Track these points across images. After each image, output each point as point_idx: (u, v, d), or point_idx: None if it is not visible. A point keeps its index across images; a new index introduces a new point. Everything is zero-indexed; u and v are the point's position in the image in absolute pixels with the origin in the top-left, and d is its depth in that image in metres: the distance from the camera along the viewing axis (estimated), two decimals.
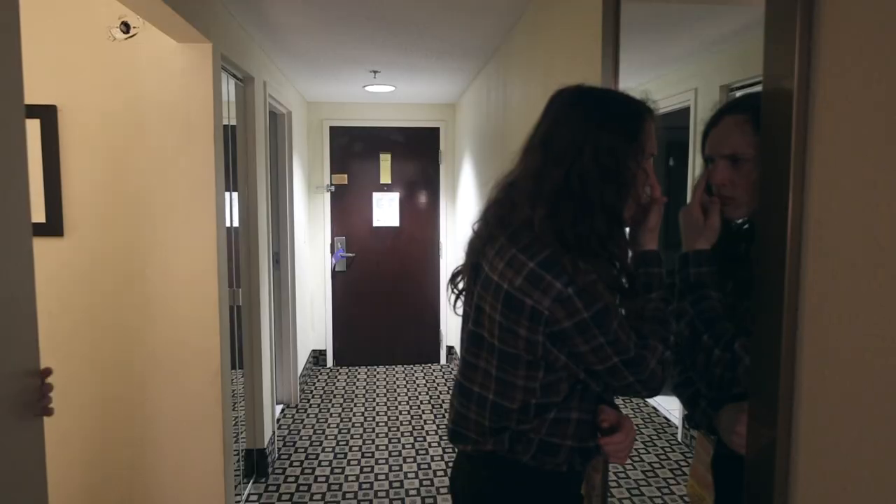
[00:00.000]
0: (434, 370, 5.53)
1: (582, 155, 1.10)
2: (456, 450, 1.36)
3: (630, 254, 1.21)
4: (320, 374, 5.41)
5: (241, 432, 3.43)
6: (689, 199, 1.24)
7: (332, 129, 5.50)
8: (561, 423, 1.17)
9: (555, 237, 1.10)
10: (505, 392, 1.17)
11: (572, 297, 1.07)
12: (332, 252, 5.55)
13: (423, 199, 5.65)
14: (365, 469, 3.58)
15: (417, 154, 5.62)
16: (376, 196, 5.58)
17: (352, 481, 3.43)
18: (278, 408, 4.39)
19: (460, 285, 1.31)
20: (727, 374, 1.08)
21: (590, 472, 1.35)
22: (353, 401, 4.73)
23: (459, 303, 1.32)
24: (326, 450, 3.84)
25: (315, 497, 3.25)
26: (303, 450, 3.84)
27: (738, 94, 1.62)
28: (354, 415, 4.43)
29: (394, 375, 5.37)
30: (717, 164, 1.15)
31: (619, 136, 1.12)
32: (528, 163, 1.19)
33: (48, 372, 1.23)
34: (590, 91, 1.19)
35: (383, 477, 3.48)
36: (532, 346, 1.12)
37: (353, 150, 5.56)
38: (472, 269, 1.25)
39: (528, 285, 1.08)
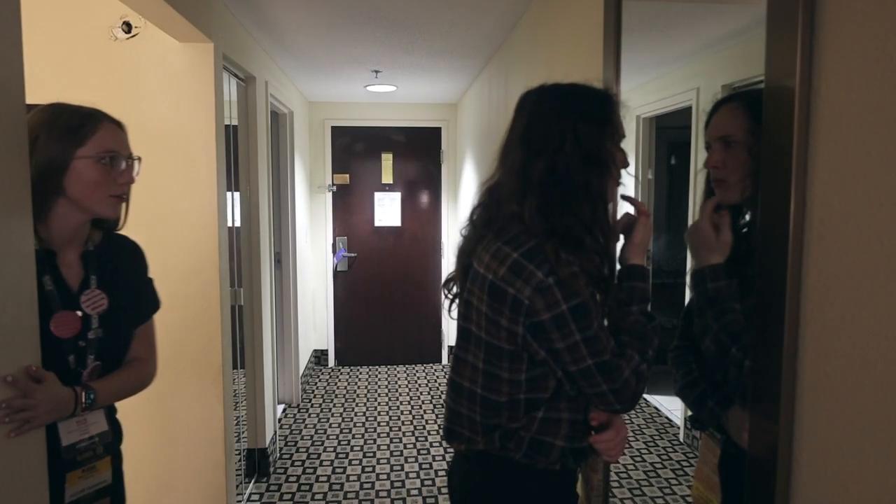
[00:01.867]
0: (436, 370, 5.52)
1: (564, 144, 1.15)
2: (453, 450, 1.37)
3: (616, 249, 1.25)
4: (322, 373, 5.41)
5: (243, 432, 3.43)
6: (695, 215, 1.27)
7: (333, 128, 5.50)
8: (552, 422, 1.18)
9: (544, 228, 1.12)
10: (491, 386, 1.18)
11: (552, 287, 1.09)
12: (334, 252, 5.56)
13: (424, 198, 5.65)
14: (366, 469, 3.58)
15: (419, 154, 5.62)
16: (378, 196, 5.58)
17: (353, 481, 3.43)
18: (280, 407, 4.39)
19: (454, 290, 1.34)
20: None
21: (588, 472, 1.34)
22: (354, 400, 4.73)
23: (454, 307, 1.34)
24: (328, 449, 3.84)
25: (316, 497, 3.25)
26: (304, 449, 3.84)
27: None
28: (356, 415, 4.43)
29: (395, 375, 5.37)
30: (712, 147, 1.20)
31: (594, 121, 1.17)
32: (509, 162, 1.22)
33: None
34: (556, 86, 1.24)
35: (385, 477, 3.48)
36: (512, 337, 1.13)
37: (355, 149, 5.56)
38: (463, 271, 1.27)
39: (510, 275, 1.11)
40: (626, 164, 1.23)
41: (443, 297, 1.36)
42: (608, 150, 1.17)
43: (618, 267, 1.27)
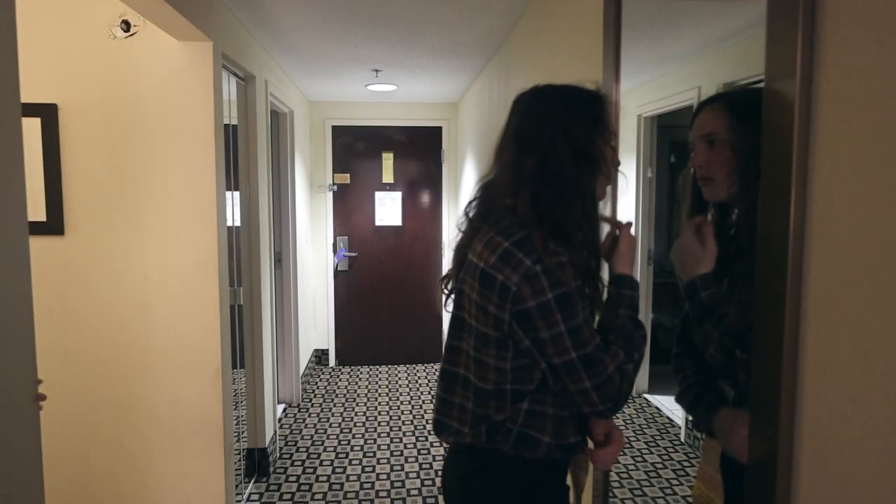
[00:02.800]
0: (437, 370, 5.52)
1: (555, 140, 1.18)
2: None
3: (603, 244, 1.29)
4: (322, 373, 5.41)
5: (243, 432, 3.43)
6: (687, 217, 1.29)
7: (334, 128, 5.50)
8: (537, 416, 1.20)
9: (535, 220, 1.16)
10: (480, 373, 1.21)
11: (539, 274, 1.11)
12: (335, 251, 5.55)
13: (425, 198, 5.64)
14: (366, 469, 3.57)
15: (420, 153, 5.61)
16: (379, 195, 5.57)
17: (353, 481, 3.42)
18: (280, 407, 4.39)
19: (449, 286, 1.36)
20: None
21: (577, 472, 1.35)
22: (355, 400, 4.72)
23: (450, 301, 1.36)
24: (328, 449, 3.84)
25: (316, 497, 3.25)
26: (304, 449, 3.84)
27: None
28: (356, 414, 4.43)
29: (396, 375, 5.36)
30: (696, 147, 1.23)
31: (584, 119, 1.21)
32: (503, 159, 1.27)
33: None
34: (549, 86, 1.28)
35: (385, 476, 3.48)
36: (499, 323, 1.16)
37: (356, 149, 5.56)
38: (458, 265, 1.30)
39: (500, 262, 1.14)
40: (616, 163, 1.27)
41: (440, 292, 1.40)
42: (599, 148, 1.21)
43: (606, 274, 1.30)
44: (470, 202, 1.34)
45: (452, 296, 1.34)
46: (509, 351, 1.18)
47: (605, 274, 1.30)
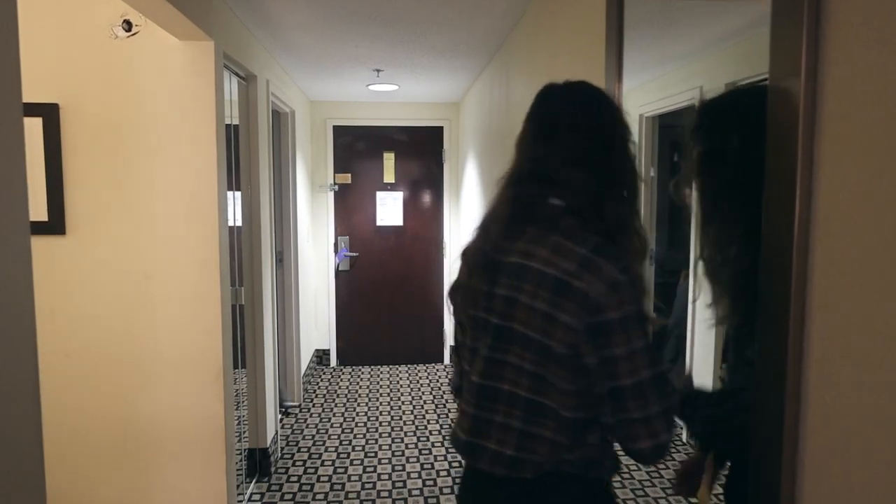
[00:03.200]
0: (438, 370, 5.52)
1: (625, 140, 1.15)
2: (466, 466, 1.26)
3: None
4: (324, 373, 5.41)
5: (244, 432, 3.43)
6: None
7: (335, 128, 5.50)
8: (605, 444, 1.14)
9: (601, 224, 1.10)
10: (535, 386, 1.08)
11: (625, 285, 1.02)
12: (336, 251, 5.55)
13: (426, 198, 5.64)
14: (368, 469, 3.57)
15: (421, 153, 5.61)
16: (380, 195, 5.57)
17: (354, 481, 3.42)
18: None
19: (461, 296, 1.25)
20: None
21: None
22: (356, 400, 4.72)
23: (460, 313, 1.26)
24: (329, 449, 3.84)
25: (318, 497, 3.25)
26: (306, 449, 3.84)
27: None
28: (357, 414, 4.43)
29: (397, 375, 5.36)
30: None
31: (623, 121, 1.18)
32: (552, 153, 1.15)
33: None
34: (584, 83, 1.21)
35: (386, 477, 3.48)
36: (569, 334, 1.03)
37: (357, 149, 5.56)
38: (486, 270, 1.16)
39: (579, 269, 1.03)
40: None
41: (447, 304, 1.30)
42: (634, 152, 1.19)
43: None
44: (505, 201, 1.19)
45: (463, 303, 1.24)
46: (574, 372, 1.06)
47: None
